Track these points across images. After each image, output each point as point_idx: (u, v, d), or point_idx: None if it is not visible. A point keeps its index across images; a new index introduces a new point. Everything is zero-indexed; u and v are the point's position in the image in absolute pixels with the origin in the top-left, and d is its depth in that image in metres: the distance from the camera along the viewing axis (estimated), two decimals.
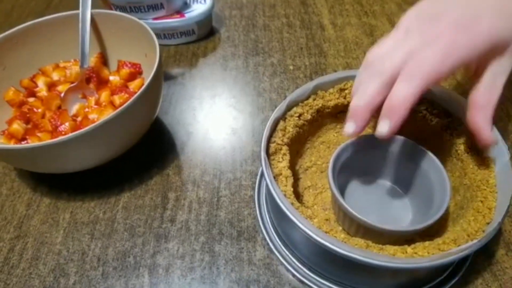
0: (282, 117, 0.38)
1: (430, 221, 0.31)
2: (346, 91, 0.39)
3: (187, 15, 0.60)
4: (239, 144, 0.48)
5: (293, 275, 0.36)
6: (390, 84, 0.31)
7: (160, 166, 0.46)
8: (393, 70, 0.30)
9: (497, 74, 0.31)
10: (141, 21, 0.47)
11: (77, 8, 0.48)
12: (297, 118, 0.38)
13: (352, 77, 0.38)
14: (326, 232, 0.30)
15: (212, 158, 0.47)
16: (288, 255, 0.37)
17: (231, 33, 0.64)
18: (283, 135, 0.36)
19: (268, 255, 0.38)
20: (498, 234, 0.39)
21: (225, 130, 0.50)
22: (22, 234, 0.41)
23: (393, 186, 0.40)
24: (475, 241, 0.29)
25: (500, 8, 0.31)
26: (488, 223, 0.31)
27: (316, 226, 0.30)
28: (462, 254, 0.28)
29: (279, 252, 0.37)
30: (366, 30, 0.63)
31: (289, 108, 0.38)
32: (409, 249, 0.30)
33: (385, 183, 0.40)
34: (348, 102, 0.36)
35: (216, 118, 0.52)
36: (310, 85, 0.39)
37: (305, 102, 0.39)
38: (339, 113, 0.40)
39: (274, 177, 0.34)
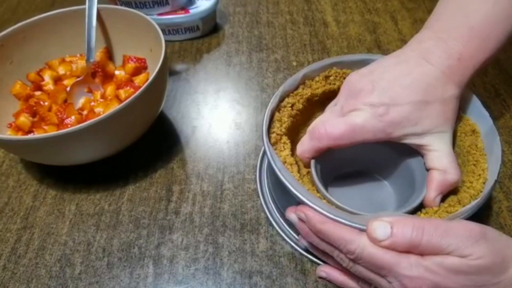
0: (276, 108, 0.39)
1: (410, 207, 0.33)
2: (331, 78, 0.41)
3: (191, 11, 0.61)
4: (243, 139, 0.49)
5: (303, 255, 0.38)
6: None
7: (164, 160, 0.47)
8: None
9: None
10: (147, 16, 0.47)
11: (83, 4, 0.49)
12: (290, 108, 0.39)
13: (337, 63, 0.41)
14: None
15: (216, 152, 0.47)
16: (295, 236, 0.39)
17: (235, 30, 0.65)
18: (281, 125, 0.37)
19: (271, 247, 0.39)
20: (498, 228, 0.39)
21: (229, 125, 0.50)
22: (29, 225, 0.42)
23: (375, 175, 0.42)
24: (478, 199, 0.31)
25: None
26: (484, 183, 0.32)
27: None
28: (469, 212, 0.30)
29: (287, 236, 0.39)
30: (369, 27, 0.64)
31: (281, 99, 0.39)
32: (422, 214, 0.32)
33: (367, 172, 0.42)
34: (334, 89, 0.41)
35: (220, 113, 0.52)
36: (299, 74, 0.40)
37: (295, 92, 0.40)
38: (327, 99, 0.42)
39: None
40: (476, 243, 0.26)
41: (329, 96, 0.41)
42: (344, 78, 0.41)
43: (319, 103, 0.42)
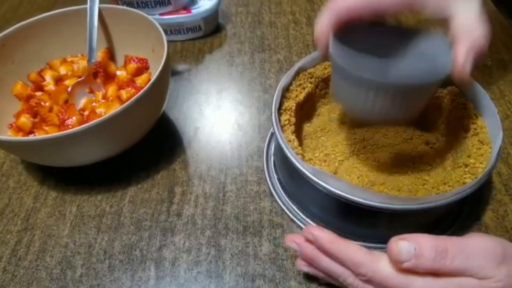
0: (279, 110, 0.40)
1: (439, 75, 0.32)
2: (301, 82, 0.42)
3: (193, 11, 0.60)
4: (245, 140, 0.48)
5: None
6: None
7: (166, 161, 0.46)
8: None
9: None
10: (149, 16, 0.47)
11: (85, 3, 0.48)
12: (288, 125, 0.39)
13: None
14: None
15: (218, 153, 0.47)
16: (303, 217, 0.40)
17: (237, 30, 0.64)
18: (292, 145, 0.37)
19: (274, 250, 0.38)
20: (504, 232, 0.39)
21: (231, 126, 0.50)
22: (29, 227, 0.41)
23: None
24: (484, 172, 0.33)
25: None
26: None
27: None
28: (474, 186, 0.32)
29: (294, 216, 0.40)
30: None
31: (281, 98, 0.40)
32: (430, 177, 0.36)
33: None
34: (309, 91, 0.42)
35: (222, 114, 0.52)
36: (294, 68, 0.41)
37: (283, 107, 0.40)
38: (305, 103, 0.43)
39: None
40: (498, 265, 0.26)
41: (308, 99, 0.43)
42: (311, 77, 0.42)
43: (300, 110, 0.43)
